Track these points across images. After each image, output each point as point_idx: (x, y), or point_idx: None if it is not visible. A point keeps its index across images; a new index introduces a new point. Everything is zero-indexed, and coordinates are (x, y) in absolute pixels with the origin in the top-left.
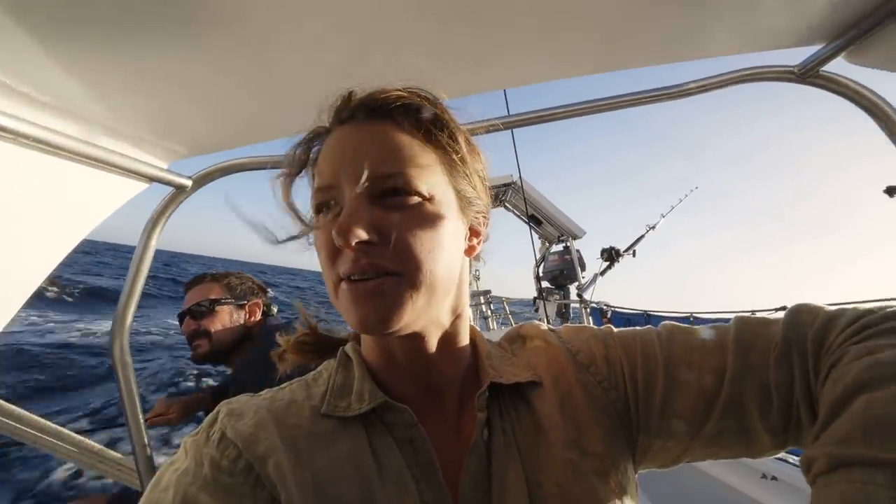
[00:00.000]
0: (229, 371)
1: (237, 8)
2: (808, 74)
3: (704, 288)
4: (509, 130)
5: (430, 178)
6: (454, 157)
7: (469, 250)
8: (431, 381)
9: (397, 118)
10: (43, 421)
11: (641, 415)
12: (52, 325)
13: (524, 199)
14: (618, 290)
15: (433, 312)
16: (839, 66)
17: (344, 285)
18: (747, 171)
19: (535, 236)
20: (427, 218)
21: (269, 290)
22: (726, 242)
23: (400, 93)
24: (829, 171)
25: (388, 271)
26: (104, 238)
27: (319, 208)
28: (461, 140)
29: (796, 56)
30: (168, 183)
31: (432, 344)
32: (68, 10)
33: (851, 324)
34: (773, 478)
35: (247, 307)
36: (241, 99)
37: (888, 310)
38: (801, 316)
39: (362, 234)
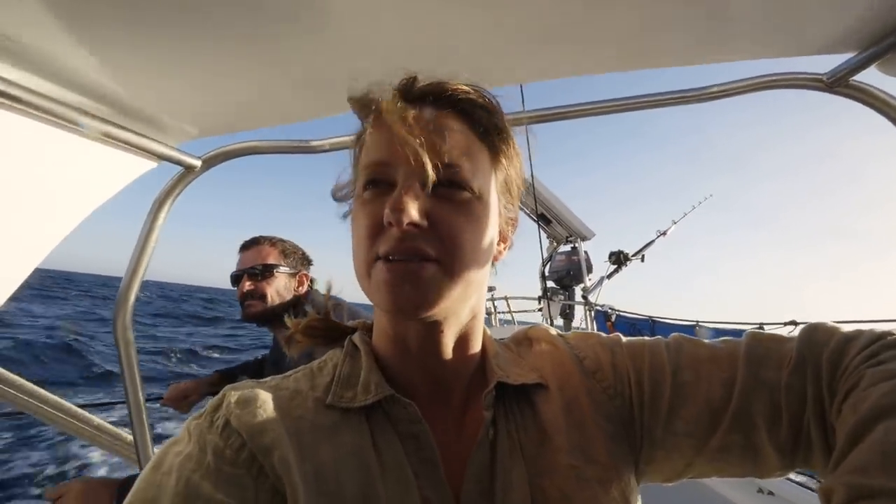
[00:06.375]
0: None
1: None
2: (838, 84)
3: (713, 297)
4: (523, 126)
5: (482, 177)
6: (503, 161)
7: (496, 256)
8: (440, 374)
9: (462, 113)
10: (45, 392)
11: (646, 424)
12: None
13: (535, 197)
14: (624, 294)
15: (458, 307)
16: (871, 77)
17: (381, 264)
18: (760, 179)
19: (544, 235)
20: (474, 215)
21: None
22: (736, 252)
23: (467, 88)
24: (844, 178)
25: (430, 257)
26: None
27: (370, 183)
28: (511, 146)
29: (819, 65)
30: (177, 162)
31: (448, 338)
32: None
33: (869, 345)
34: (770, 493)
35: (298, 276)
36: (255, 83)
37: None
38: (817, 334)
39: (415, 216)
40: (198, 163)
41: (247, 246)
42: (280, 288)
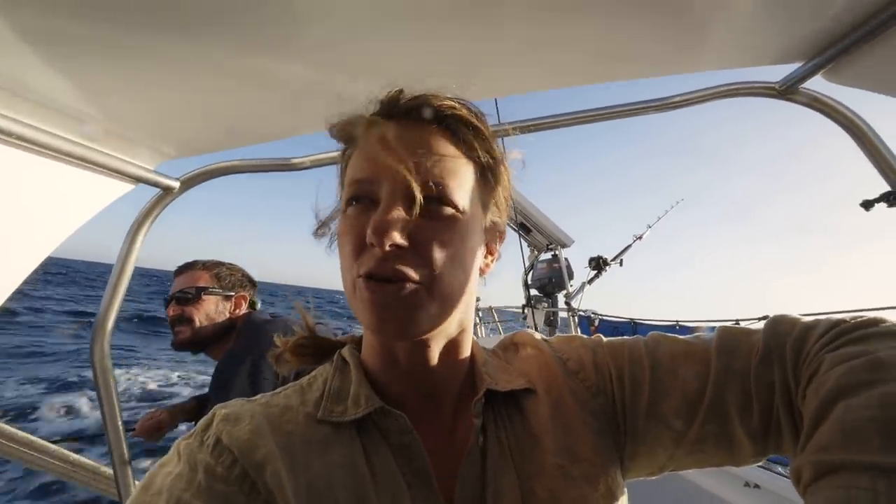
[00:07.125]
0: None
1: (229, 12)
2: (789, 91)
3: (692, 297)
4: (500, 139)
5: (467, 192)
6: (489, 175)
7: (483, 268)
8: (430, 385)
9: (446, 127)
10: (16, 431)
11: (629, 419)
12: None
13: (514, 207)
14: (606, 298)
15: (445, 324)
16: (819, 85)
17: (363, 282)
18: (734, 177)
19: (524, 244)
20: (458, 232)
21: (257, 283)
22: (710, 252)
23: (453, 103)
24: (809, 179)
25: (412, 279)
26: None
27: (353, 199)
28: (497, 159)
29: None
30: (155, 184)
31: (436, 351)
32: (61, 11)
33: (826, 332)
34: (756, 486)
35: (233, 299)
36: (232, 102)
37: (859, 319)
38: (780, 326)
39: (398, 238)
40: (176, 184)
41: (180, 271)
42: (210, 311)
